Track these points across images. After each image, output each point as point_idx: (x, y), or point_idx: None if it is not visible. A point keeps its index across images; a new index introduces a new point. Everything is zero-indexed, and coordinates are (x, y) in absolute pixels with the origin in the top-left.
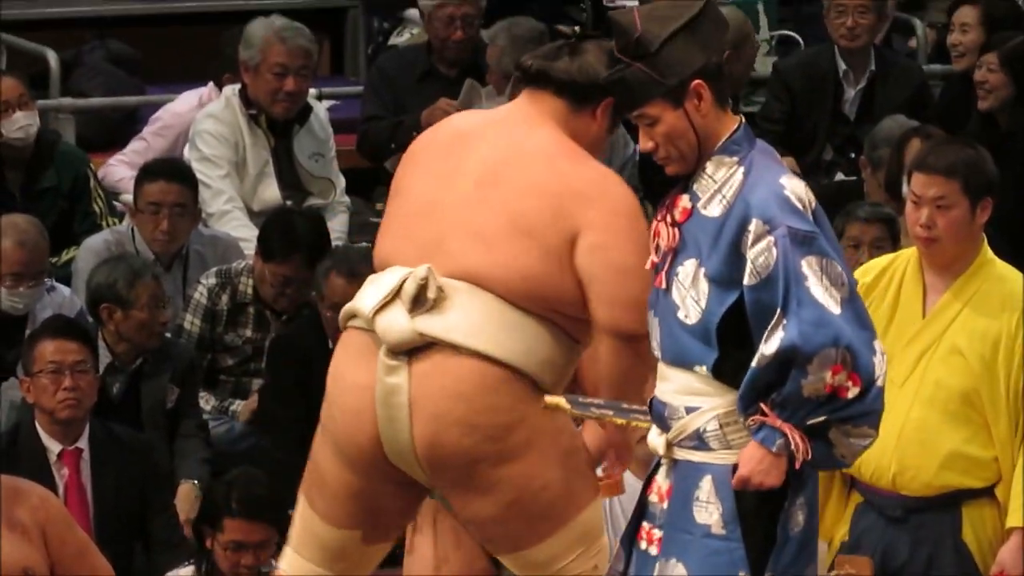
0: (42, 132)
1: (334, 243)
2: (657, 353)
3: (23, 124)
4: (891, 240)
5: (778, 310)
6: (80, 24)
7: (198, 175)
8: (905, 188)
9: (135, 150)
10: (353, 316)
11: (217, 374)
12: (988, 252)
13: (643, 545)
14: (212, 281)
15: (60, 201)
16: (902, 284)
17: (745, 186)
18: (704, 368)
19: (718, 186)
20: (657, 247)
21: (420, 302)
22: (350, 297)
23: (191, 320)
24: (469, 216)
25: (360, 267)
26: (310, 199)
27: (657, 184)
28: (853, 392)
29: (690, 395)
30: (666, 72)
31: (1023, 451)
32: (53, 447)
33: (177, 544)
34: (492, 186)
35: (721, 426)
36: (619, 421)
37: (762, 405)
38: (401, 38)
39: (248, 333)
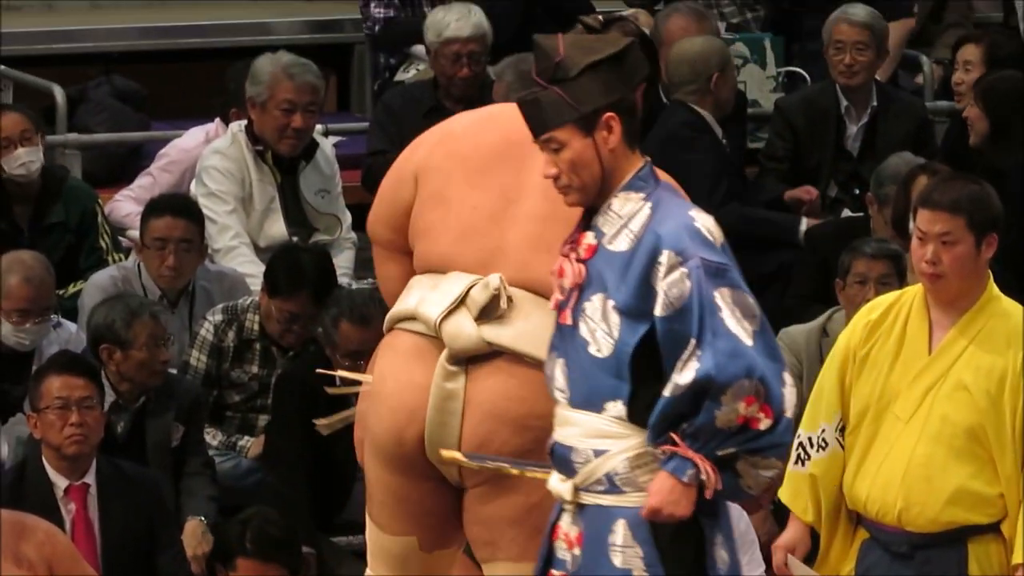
0: (50, 167)
1: (340, 279)
2: (562, 396)
3: (24, 160)
4: (897, 276)
5: (692, 340)
6: (86, 60)
7: (204, 211)
8: (912, 225)
9: (141, 186)
10: (406, 319)
11: (223, 410)
12: (994, 288)
13: None
14: (218, 317)
15: (67, 236)
16: (908, 321)
17: (653, 220)
18: (616, 405)
19: (624, 221)
20: (561, 286)
21: (488, 311)
22: (364, 342)
23: (197, 356)
24: (535, 229)
25: (368, 310)
26: (316, 235)
27: None
28: (765, 424)
29: (598, 438)
30: (581, 99)
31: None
32: (60, 482)
33: None
34: (558, 200)
35: (631, 468)
36: (515, 472)
37: (672, 435)
38: (407, 74)
39: (254, 369)
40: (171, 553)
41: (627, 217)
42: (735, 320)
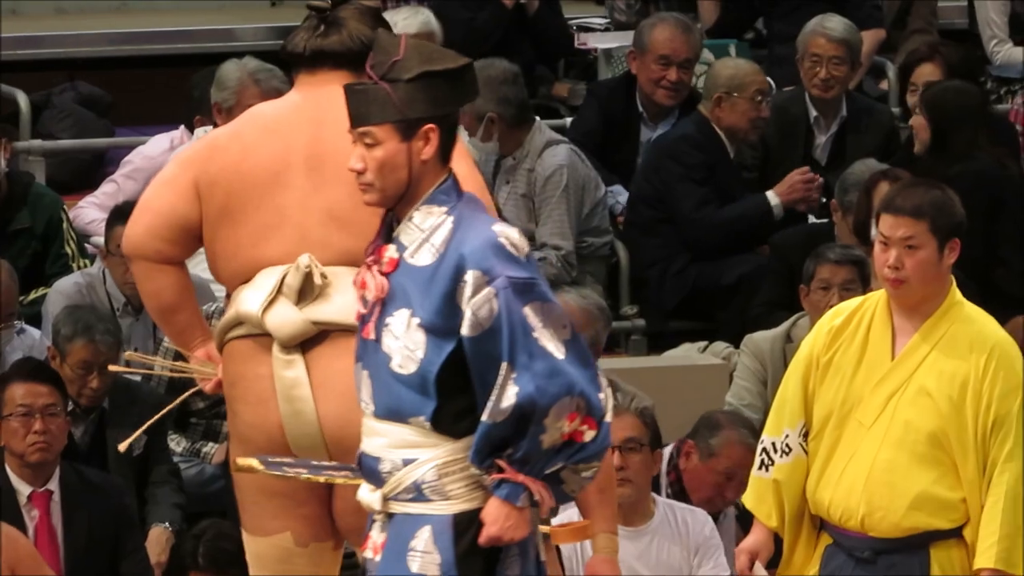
0: (15, 173)
1: None
2: (368, 408)
3: None
4: (861, 282)
5: (504, 363)
6: (50, 66)
7: None
8: (874, 231)
9: (106, 192)
10: (233, 327)
11: (188, 417)
12: (957, 294)
13: None
14: None
15: (33, 243)
16: (871, 326)
17: (456, 235)
18: (421, 419)
19: (426, 235)
20: (364, 299)
21: (306, 292)
22: None
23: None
24: (315, 203)
25: None
26: None
27: None
28: (589, 435)
29: (406, 448)
30: (408, 103)
31: (989, 492)
32: (23, 489)
33: None
34: (320, 166)
35: (439, 476)
36: (315, 478)
37: (499, 463)
38: None
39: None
40: (134, 560)
41: (429, 231)
42: (548, 336)
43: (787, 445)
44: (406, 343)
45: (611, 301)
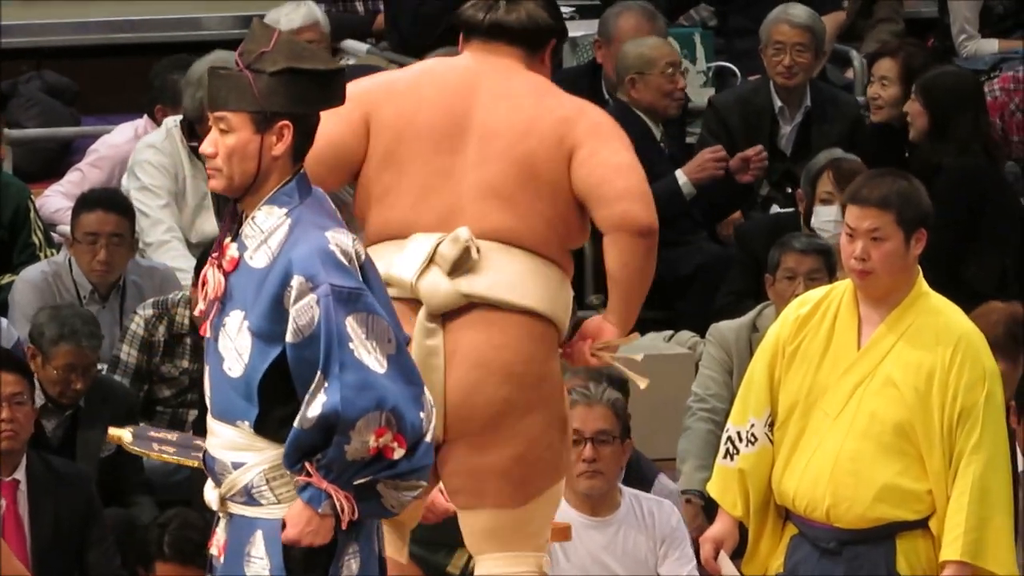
0: None
1: None
2: (208, 404)
3: None
4: (827, 271)
5: (319, 373)
6: (16, 55)
7: (137, 204)
8: (814, 220)
9: (71, 181)
10: None
11: (154, 405)
12: (923, 285)
13: None
14: (149, 312)
15: (0, 232)
16: (837, 316)
17: (290, 239)
18: (246, 423)
19: (264, 236)
20: (205, 295)
21: (459, 265)
22: None
23: (128, 351)
24: (480, 176)
25: None
26: None
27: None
28: (399, 453)
29: (236, 450)
30: (268, 96)
31: (955, 483)
32: None
33: (114, 575)
34: (493, 139)
35: (268, 481)
36: (183, 461)
37: (307, 466)
38: None
39: (185, 364)
40: (100, 549)
41: (267, 233)
42: (367, 348)
43: (752, 435)
44: (236, 346)
45: (576, 291)
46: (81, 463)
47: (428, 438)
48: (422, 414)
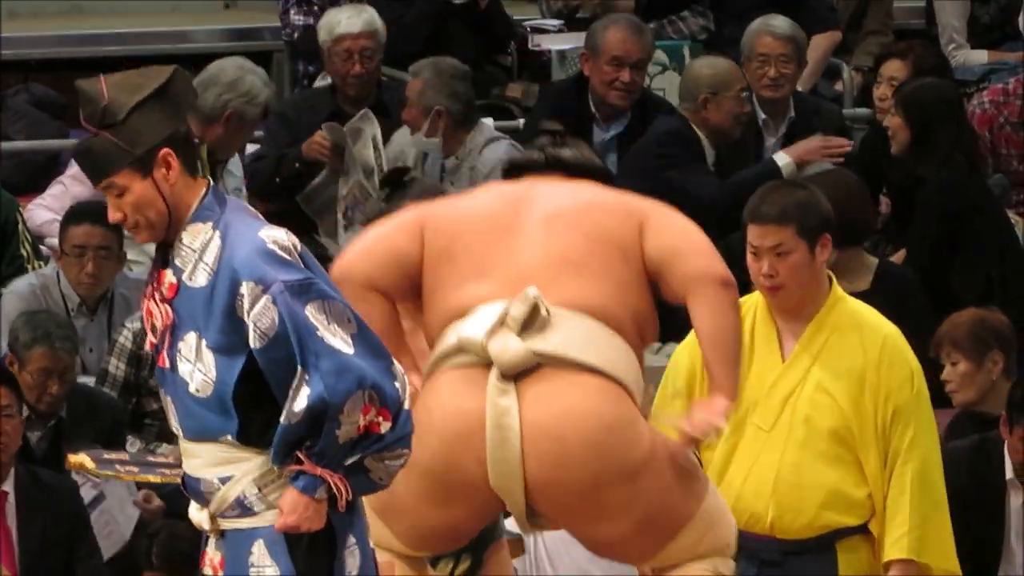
0: None
1: None
2: (178, 431)
3: None
4: None
5: (299, 367)
6: (3, 68)
7: None
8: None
9: (53, 195)
10: (446, 357)
11: (142, 418)
12: (837, 289)
13: None
14: (137, 325)
15: None
16: (755, 330)
17: (225, 249)
18: (228, 437)
19: (198, 254)
20: (153, 327)
21: (530, 324)
22: None
23: (116, 364)
24: (547, 248)
25: None
26: None
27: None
28: (385, 426)
29: (221, 465)
30: (133, 141)
31: (893, 483)
32: None
33: None
34: (557, 218)
35: (259, 488)
36: (146, 478)
37: (299, 454)
38: (326, 81)
39: None
40: (89, 563)
41: (200, 250)
42: (332, 333)
43: None
44: (198, 366)
45: None
46: (67, 475)
47: (407, 405)
48: (396, 383)
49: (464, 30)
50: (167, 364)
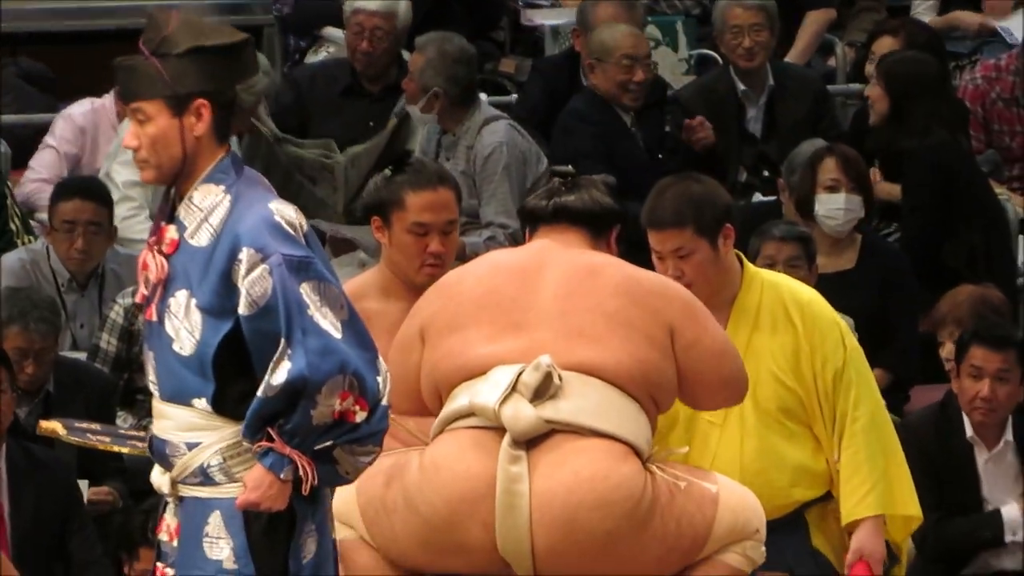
0: None
1: None
2: (154, 390)
3: None
4: (806, 259)
5: (282, 340)
6: None
7: (119, 182)
8: (819, 207)
9: (45, 163)
10: (459, 418)
11: (134, 394)
12: (750, 267)
13: None
14: (128, 300)
15: None
16: None
17: (233, 214)
18: (203, 401)
19: (204, 215)
20: (146, 280)
21: (542, 392)
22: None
23: (107, 339)
24: (564, 322)
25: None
26: None
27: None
28: (360, 416)
29: (191, 431)
30: (177, 79)
31: (845, 443)
32: None
33: (96, 562)
34: (574, 296)
35: (224, 460)
36: (117, 449)
37: (270, 430)
38: (317, 56)
39: None
40: (82, 537)
41: (207, 211)
42: (323, 314)
43: None
44: (185, 324)
45: None
46: (58, 448)
47: (384, 401)
48: (379, 378)
49: (459, 5)
50: (155, 318)
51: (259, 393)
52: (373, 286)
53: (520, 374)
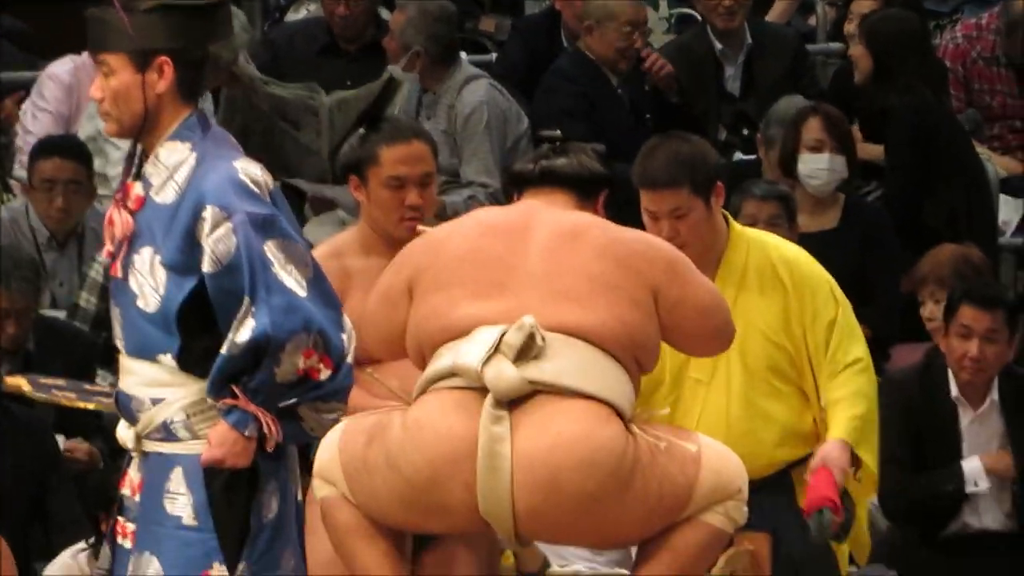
0: None
1: None
2: (120, 345)
3: None
4: (787, 217)
5: (246, 298)
6: None
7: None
8: (802, 167)
9: (42, 128)
10: (442, 378)
11: (116, 352)
12: (735, 226)
13: (119, 540)
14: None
15: None
16: None
17: (198, 172)
18: (168, 357)
19: (170, 172)
20: (112, 236)
21: (525, 352)
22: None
23: (87, 297)
24: (548, 283)
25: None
26: None
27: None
28: (325, 374)
29: (155, 386)
30: (142, 34)
31: (838, 386)
32: None
33: (75, 521)
34: (558, 257)
35: (188, 416)
36: (82, 405)
37: (235, 388)
38: (297, 15)
39: None
40: (61, 495)
41: (173, 168)
42: (287, 272)
43: None
44: (149, 281)
45: None
46: (39, 410)
47: (349, 359)
48: (344, 335)
49: None
50: (120, 274)
51: (223, 351)
52: (353, 243)
53: (503, 335)
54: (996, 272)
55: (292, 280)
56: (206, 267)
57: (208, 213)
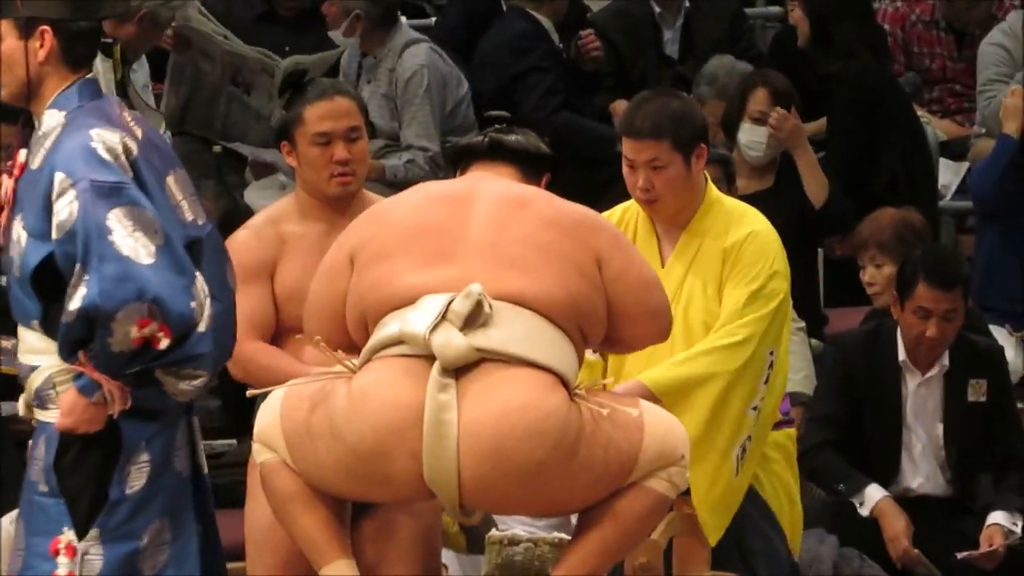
0: None
1: None
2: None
3: None
4: (726, 180)
5: (79, 266)
6: None
7: None
8: (742, 136)
9: None
10: (388, 346)
11: None
12: (713, 191)
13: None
14: None
15: None
16: (636, 235)
17: (59, 140)
18: (35, 322)
19: (44, 139)
20: (2, 207)
21: (472, 320)
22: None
23: None
24: (494, 252)
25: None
26: None
27: None
28: (165, 343)
29: (32, 354)
30: (27, 3)
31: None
32: None
33: (19, 486)
34: (504, 226)
35: (54, 385)
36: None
37: (80, 354)
38: None
39: None
40: (4, 460)
41: (45, 134)
42: (132, 240)
43: None
44: (17, 247)
45: None
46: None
47: (202, 327)
48: (193, 303)
49: None
50: (4, 239)
51: (63, 318)
52: (290, 209)
53: (451, 302)
54: (936, 235)
55: (137, 248)
56: (53, 234)
57: (57, 180)
